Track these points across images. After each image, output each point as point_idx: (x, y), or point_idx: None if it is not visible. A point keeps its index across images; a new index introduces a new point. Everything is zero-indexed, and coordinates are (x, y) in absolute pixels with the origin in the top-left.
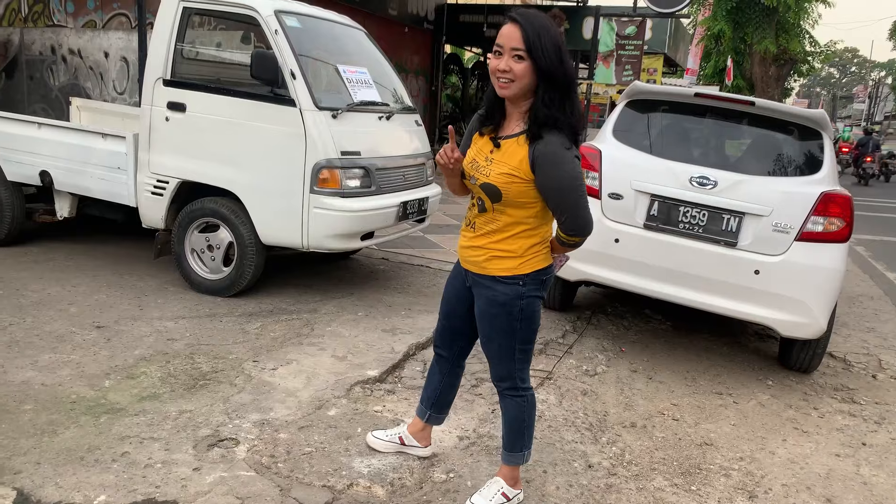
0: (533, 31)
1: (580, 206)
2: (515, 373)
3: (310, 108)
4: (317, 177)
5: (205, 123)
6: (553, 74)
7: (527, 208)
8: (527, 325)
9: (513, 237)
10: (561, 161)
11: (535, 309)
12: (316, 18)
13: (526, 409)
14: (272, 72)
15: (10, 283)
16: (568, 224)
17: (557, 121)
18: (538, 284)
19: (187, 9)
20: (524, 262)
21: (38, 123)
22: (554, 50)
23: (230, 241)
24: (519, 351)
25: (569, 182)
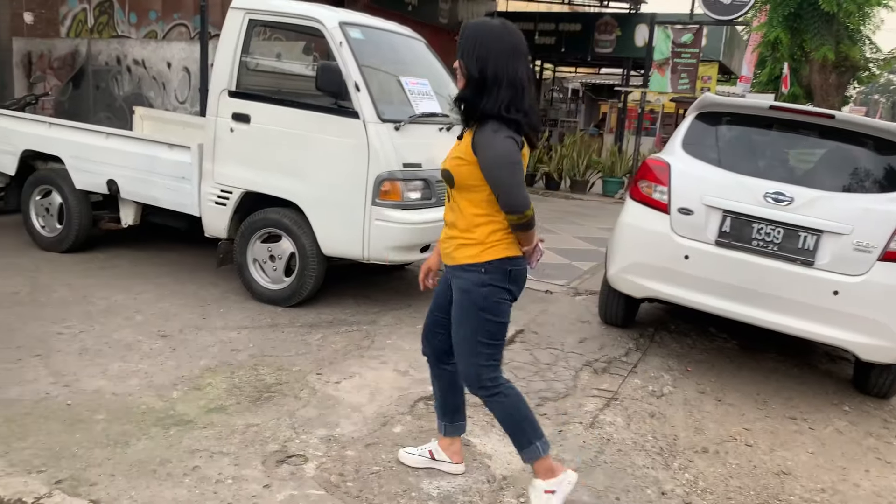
0: (463, 35)
1: (511, 184)
2: (482, 372)
3: (373, 121)
4: (378, 189)
5: (269, 135)
6: (469, 70)
7: (477, 191)
8: (490, 315)
9: (473, 224)
10: (489, 143)
11: (498, 300)
12: (378, 30)
13: (507, 405)
14: (337, 84)
15: (78, 289)
16: (503, 201)
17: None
18: (502, 275)
19: (253, 21)
20: (486, 248)
21: (107, 133)
22: (472, 51)
23: (292, 251)
24: (482, 345)
25: (494, 160)
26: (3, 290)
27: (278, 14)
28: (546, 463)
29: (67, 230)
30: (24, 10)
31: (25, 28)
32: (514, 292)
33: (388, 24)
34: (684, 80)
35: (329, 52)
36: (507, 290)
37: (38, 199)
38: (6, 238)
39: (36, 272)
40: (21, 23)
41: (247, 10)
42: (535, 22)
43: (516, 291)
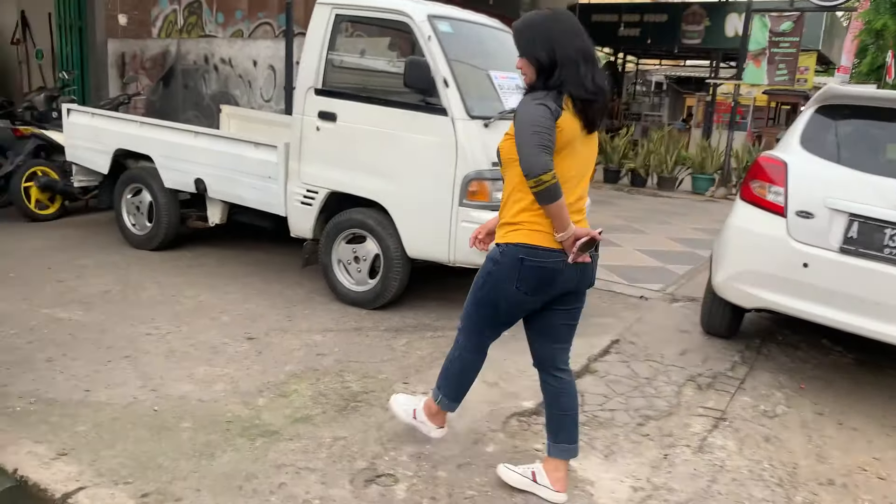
0: (517, 35)
1: (528, 145)
2: (463, 322)
3: (462, 118)
4: (466, 189)
5: (354, 133)
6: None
7: (514, 167)
8: (487, 289)
9: (508, 201)
10: (522, 110)
11: (500, 284)
12: (467, 22)
13: (452, 358)
14: (425, 80)
15: (167, 288)
16: (521, 164)
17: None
18: (513, 261)
19: (339, 16)
20: (510, 230)
21: (195, 132)
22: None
23: (376, 252)
24: (472, 306)
25: (521, 125)
26: (96, 289)
27: (365, 8)
28: (433, 408)
29: (157, 228)
30: (119, 13)
31: (120, 30)
32: (523, 286)
33: (477, 15)
34: (782, 72)
35: (416, 47)
36: (515, 279)
37: (130, 198)
38: (100, 235)
39: (127, 270)
40: (116, 25)
41: (333, 6)
42: (620, 13)
43: (526, 287)
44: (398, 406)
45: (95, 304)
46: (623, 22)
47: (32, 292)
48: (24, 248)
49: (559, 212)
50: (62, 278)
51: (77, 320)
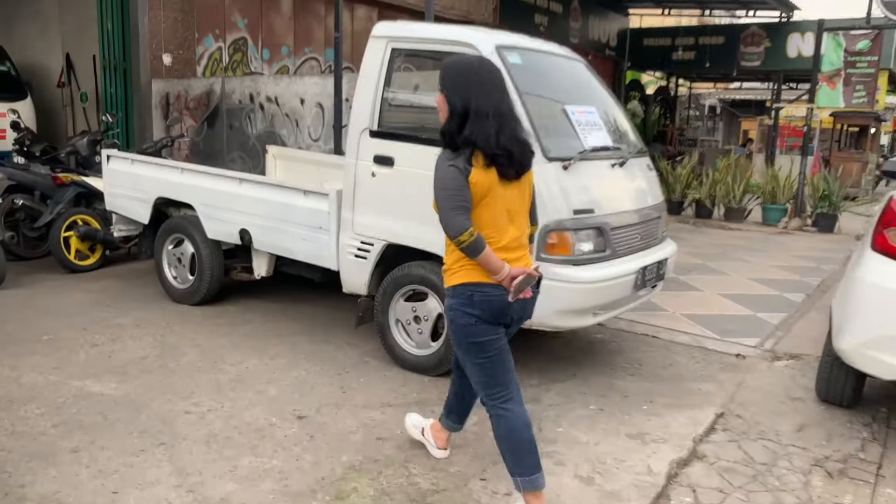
0: (444, 71)
1: (443, 208)
2: (476, 386)
3: (537, 161)
4: (544, 241)
5: (414, 179)
6: (452, 105)
7: None
8: (460, 336)
9: (447, 249)
10: (436, 171)
11: (462, 323)
12: (537, 52)
13: (496, 429)
14: None
15: (208, 352)
16: (442, 227)
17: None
18: (465, 299)
19: (397, 50)
20: (451, 274)
21: (239, 179)
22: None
23: (439, 312)
24: (469, 364)
25: (435, 187)
26: (133, 354)
27: (425, 41)
28: (530, 498)
29: (199, 282)
30: (163, 52)
31: (164, 69)
32: (481, 316)
33: (546, 44)
34: (860, 93)
35: None
36: (471, 314)
37: (171, 249)
38: (141, 288)
39: (166, 330)
40: (160, 64)
41: (389, 39)
42: (673, 37)
43: (483, 315)
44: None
45: (131, 373)
46: (677, 45)
47: (65, 359)
48: (62, 305)
49: (487, 260)
50: (97, 341)
51: (110, 395)
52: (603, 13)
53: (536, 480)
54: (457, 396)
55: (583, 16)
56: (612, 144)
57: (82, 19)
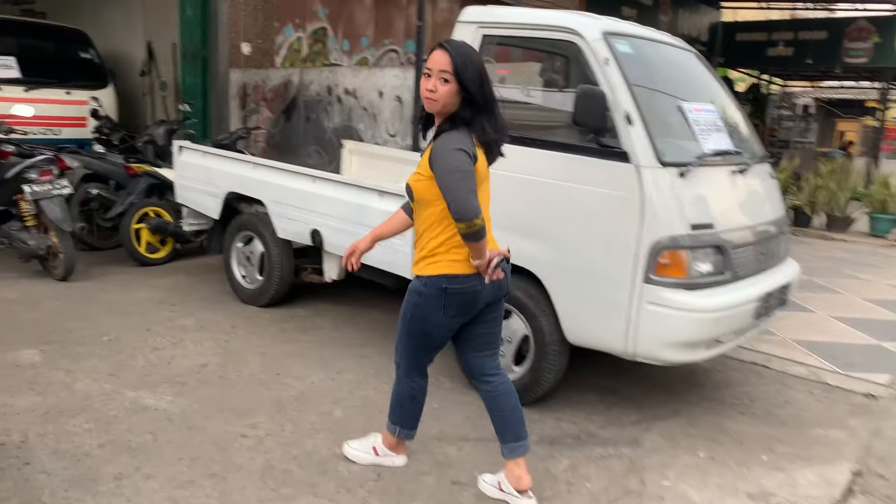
0: (460, 59)
1: (458, 189)
2: (399, 356)
3: (650, 165)
4: (655, 260)
5: (502, 183)
6: (473, 95)
7: (431, 206)
8: (416, 321)
9: (424, 236)
10: (441, 155)
11: (428, 313)
12: (648, 41)
13: (400, 391)
14: (600, 115)
15: (272, 362)
16: (451, 208)
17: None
18: (437, 292)
19: (488, 37)
20: (429, 263)
21: (313, 177)
22: (476, 75)
23: (525, 333)
24: (405, 339)
25: (445, 170)
26: (193, 361)
27: (521, 27)
28: (392, 441)
29: (267, 283)
30: (242, 41)
31: (243, 59)
32: (450, 310)
33: (657, 32)
34: None
35: (588, 73)
36: (441, 307)
37: (240, 246)
38: (209, 285)
39: (230, 334)
40: (239, 54)
41: (480, 24)
42: (769, 31)
43: (452, 310)
44: (354, 452)
45: (189, 384)
46: (773, 41)
47: (122, 365)
48: (127, 301)
49: (483, 245)
50: (158, 344)
51: (163, 410)
52: (694, 6)
53: (413, 434)
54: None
55: (673, 9)
56: (733, 148)
57: (164, 7)
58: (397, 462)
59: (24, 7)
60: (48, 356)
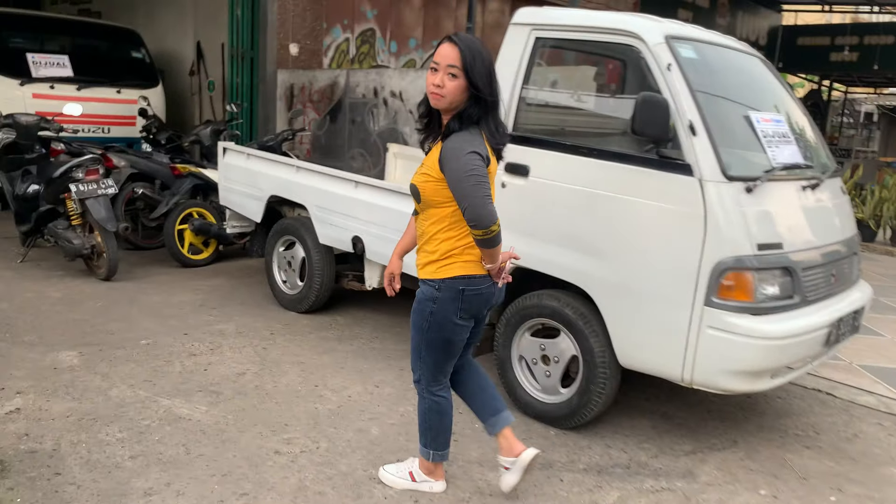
0: (469, 54)
1: (474, 196)
2: (420, 372)
3: (715, 178)
4: (717, 282)
5: (552, 193)
6: (482, 92)
7: (441, 208)
8: (435, 330)
9: (434, 239)
10: (454, 157)
11: (447, 318)
12: (713, 45)
13: (428, 412)
14: (662, 125)
15: (310, 372)
16: (467, 214)
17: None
18: (455, 293)
19: (541, 40)
20: (442, 266)
21: (356, 182)
22: (486, 71)
23: (573, 354)
24: (425, 353)
25: (458, 174)
26: (230, 369)
27: (578, 29)
28: (428, 464)
29: (308, 289)
30: (290, 42)
31: (290, 60)
32: (467, 312)
33: (722, 36)
34: None
35: (647, 79)
36: (459, 309)
37: (282, 251)
38: (250, 289)
39: (269, 341)
40: (287, 54)
41: (533, 27)
42: (833, 35)
43: (470, 311)
44: (391, 477)
45: (224, 394)
46: (837, 45)
47: (159, 371)
48: (168, 304)
49: (498, 251)
50: (196, 350)
51: (198, 420)
52: (753, 9)
53: (447, 454)
54: (479, 386)
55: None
56: (804, 162)
57: (214, 7)
58: (436, 488)
59: (81, 7)
60: (87, 359)
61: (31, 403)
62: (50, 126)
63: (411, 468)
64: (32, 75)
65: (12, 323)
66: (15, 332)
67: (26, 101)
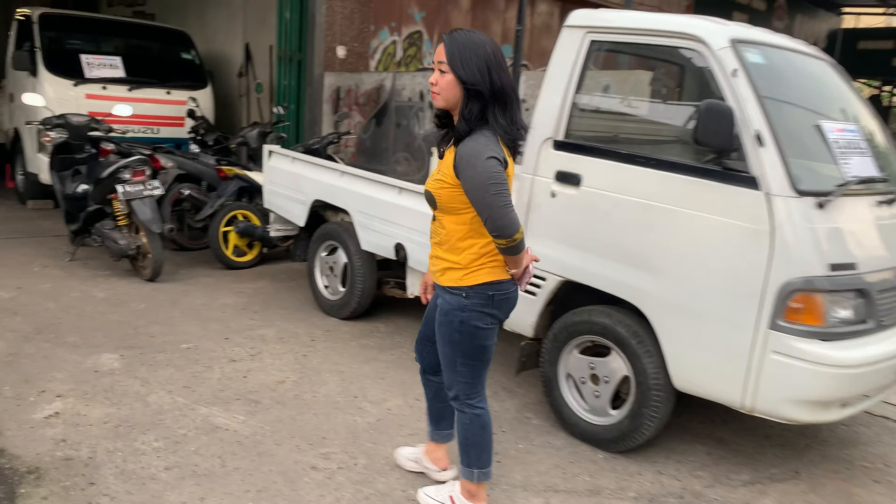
0: (455, 48)
1: (496, 206)
2: (457, 386)
3: (783, 193)
4: (784, 304)
5: (606, 205)
6: (474, 86)
7: (460, 214)
8: (468, 339)
9: (456, 247)
10: (473, 163)
11: (478, 325)
12: (781, 49)
13: (468, 427)
14: (726, 134)
15: (350, 382)
16: (488, 225)
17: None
18: (484, 299)
19: (596, 43)
20: (468, 273)
21: (400, 188)
22: (476, 64)
23: (625, 374)
24: (461, 364)
25: (479, 182)
26: (269, 377)
27: (635, 32)
28: (471, 486)
29: (349, 295)
30: (338, 44)
31: (337, 62)
32: (497, 316)
33: (790, 39)
34: None
35: (711, 86)
36: (489, 314)
37: (324, 256)
38: (292, 293)
39: (309, 348)
40: (334, 57)
41: (589, 29)
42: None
43: (500, 315)
44: (430, 501)
45: (263, 403)
46: None
47: (198, 377)
48: (210, 307)
49: (522, 257)
50: (236, 356)
51: (235, 431)
52: (812, 12)
53: (490, 472)
54: (439, 397)
55: (789, 14)
56: (879, 175)
57: (263, 9)
58: (443, 476)
59: (136, 9)
60: (127, 362)
61: (70, 407)
62: (100, 126)
63: (451, 492)
64: (86, 76)
65: (58, 323)
66: (59, 333)
67: (79, 101)
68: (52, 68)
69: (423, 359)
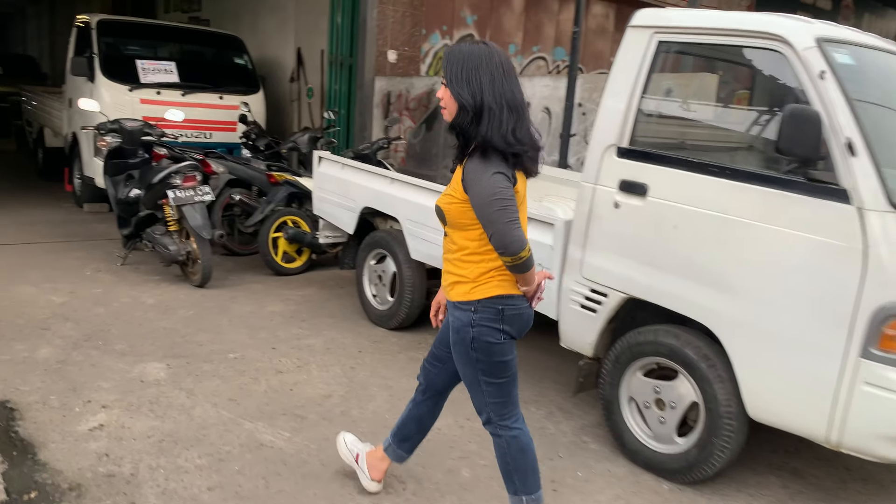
0: (450, 61)
1: (500, 222)
2: (486, 408)
3: (878, 208)
4: (878, 330)
5: (674, 216)
6: (461, 99)
7: (468, 230)
8: (484, 356)
9: (464, 261)
10: (476, 179)
11: (490, 340)
12: (872, 49)
13: (507, 451)
14: (813, 143)
15: (398, 399)
16: (493, 241)
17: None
18: (493, 314)
19: (665, 44)
20: (476, 287)
21: None
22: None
23: (693, 400)
24: (485, 384)
25: (482, 199)
26: (316, 390)
27: (708, 31)
28: None
29: (398, 305)
30: (389, 49)
31: (388, 66)
32: (510, 332)
33: (878, 38)
34: None
35: (794, 89)
36: (500, 330)
37: (373, 264)
38: (341, 301)
39: (356, 360)
40: (385, 61)
41: (656, 29)
42: None
43: (511, 331)
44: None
45: (309, 418)
46: None
47: (244, 389)
48: (258, 315)
49: (532, 274)
50: (283, 367)
51: (280, 449)
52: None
53: (541, 497)
54: (420, 422)
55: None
56: None
57: (315, 14)
58: (370, 486)
59: (192, 15)
60: (173, 372)
61: (114, 420)
62: (153, 131)
63: (361, 452)
64: (141, 81)
65: (107, 329)
66: (108, 340)
67: (134, 106)
68: (109, 73)
69: (427, 378)
